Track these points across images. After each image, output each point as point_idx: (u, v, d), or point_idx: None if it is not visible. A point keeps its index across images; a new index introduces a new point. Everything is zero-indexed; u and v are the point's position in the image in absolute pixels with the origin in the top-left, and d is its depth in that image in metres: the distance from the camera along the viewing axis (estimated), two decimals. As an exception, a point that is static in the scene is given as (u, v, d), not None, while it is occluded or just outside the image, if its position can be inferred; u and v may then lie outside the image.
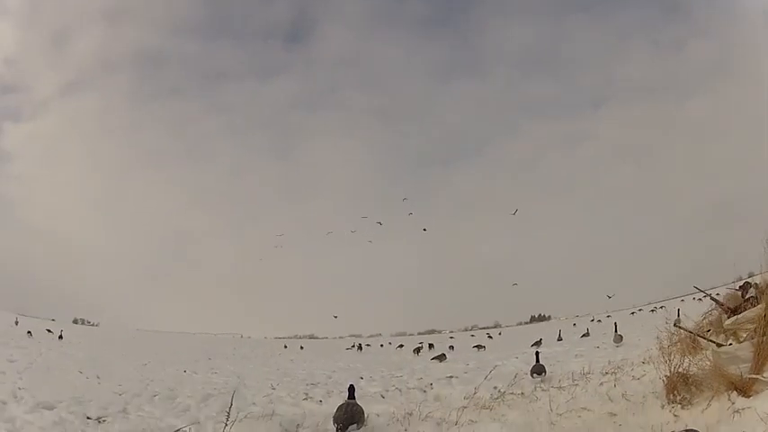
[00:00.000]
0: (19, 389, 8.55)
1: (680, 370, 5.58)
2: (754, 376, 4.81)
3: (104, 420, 6.84)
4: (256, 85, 45.21)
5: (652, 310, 27.66)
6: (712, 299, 7.70)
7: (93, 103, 43.43)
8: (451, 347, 21.60)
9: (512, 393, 7.55)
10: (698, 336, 6.61)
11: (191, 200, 43.97)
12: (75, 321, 39.63)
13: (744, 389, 4.83)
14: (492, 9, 44.51)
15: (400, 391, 9.46)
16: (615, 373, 7.65)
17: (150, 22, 48.02)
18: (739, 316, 6.44)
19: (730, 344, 5.76)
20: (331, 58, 45.16)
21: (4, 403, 7.48)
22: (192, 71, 49.14)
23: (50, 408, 7.17)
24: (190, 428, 6.43)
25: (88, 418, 6.88)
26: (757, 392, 4.75)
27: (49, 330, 26.53)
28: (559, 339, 20.44)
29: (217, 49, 47.64)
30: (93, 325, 40.42)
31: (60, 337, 24.07)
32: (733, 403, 4.74)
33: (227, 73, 48.46)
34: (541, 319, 39.23)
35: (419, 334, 35.81)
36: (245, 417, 6.84)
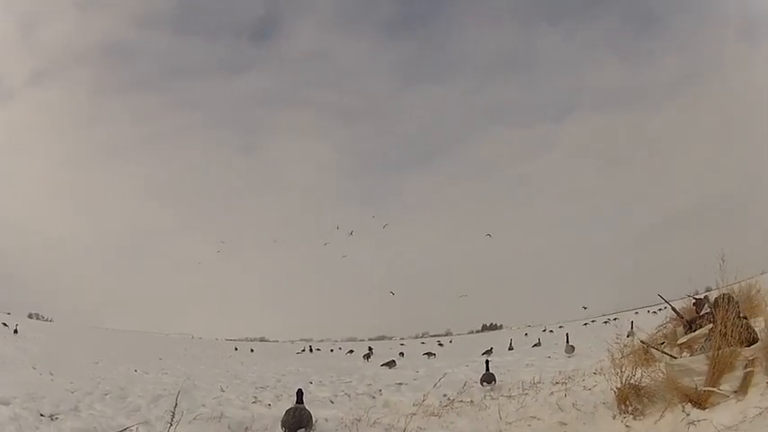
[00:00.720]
0: (-26, 384, 8.23)
1: (632, 381, 5.57)
2: (710, 389, 4.76)
3: (57, 418, 6.62)
4: (224, 81, 44.32)
5: (605, 322, 28.05)
6: (673, 309, 7.77)
7: (60, 93, 41.50)
8: (402, 354, 21.35)
9: (461, 401, 7.51)
10: (652, 347, 6.61)
11: (152, 195, 42.44)
12: (30, 316, 37.87)
13: (699, 401, 4.79)
14: (462, 14, 44.86)
15: (349, 396, 9.25)
16: (566, 383, 7.62)
17: (120, 14, 46.51)
18: (694, 333, 6.46)
19: (684, 356, 5.75)
20: (298, 56, 44.62)
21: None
22: (160, 65, 47.89)
23: (6, 403, 6.87)
24: (137, 428, 6.24)
25: (41, 415, 6.64)
26: (713, 405, 4.71)
27: (4, 324, 25.41)
28: (510, 349, 20.43)
29: (185, 44, 46.27)
30: (47, 320, 38.72)
31: (15, 331, 23.18)
32: (688, 415, 4.71)
33: (195, 68, 47.30)
34: (493, 328, 39.54)
35: (369, 340, 35.57)
36: (194, 418, 6.81)
